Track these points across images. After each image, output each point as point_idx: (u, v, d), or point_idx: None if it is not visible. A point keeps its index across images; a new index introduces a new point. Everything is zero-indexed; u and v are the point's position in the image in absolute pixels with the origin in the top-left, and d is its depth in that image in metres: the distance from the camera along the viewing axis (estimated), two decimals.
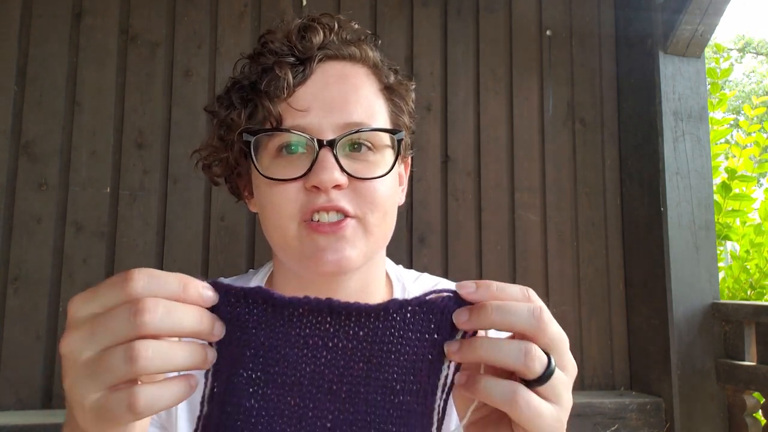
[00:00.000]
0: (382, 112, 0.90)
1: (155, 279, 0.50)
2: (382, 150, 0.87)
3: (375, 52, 0.92)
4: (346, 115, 0.83)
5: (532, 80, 2.38)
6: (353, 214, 0.82)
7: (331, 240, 0.80)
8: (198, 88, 2.09)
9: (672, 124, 2.21)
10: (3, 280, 1.87)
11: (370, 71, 0.91)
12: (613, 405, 2.07)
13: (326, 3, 2.23)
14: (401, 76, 0.97)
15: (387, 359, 0.52)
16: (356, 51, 0.89)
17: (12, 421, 1.71)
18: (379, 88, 0.91)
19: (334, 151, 0.80)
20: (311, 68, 0.85)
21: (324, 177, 0.78)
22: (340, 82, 0.86)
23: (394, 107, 0.93)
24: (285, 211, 0.82)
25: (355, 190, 0.83)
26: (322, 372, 0.52)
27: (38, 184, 1.94)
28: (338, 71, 0.87)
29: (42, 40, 1.99)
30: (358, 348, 0.52)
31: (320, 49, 0.87)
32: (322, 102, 0.83)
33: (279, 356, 0.52)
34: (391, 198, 0.87)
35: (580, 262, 2.33)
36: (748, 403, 2.03)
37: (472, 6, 2.37)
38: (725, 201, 2.95)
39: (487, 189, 2.28)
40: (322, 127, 0.82)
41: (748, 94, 19.32)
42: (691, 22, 2.13)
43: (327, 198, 0.80)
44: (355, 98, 0.85)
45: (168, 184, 2.03)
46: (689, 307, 2.12)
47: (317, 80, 0.85)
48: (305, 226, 0.82)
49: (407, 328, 0.52)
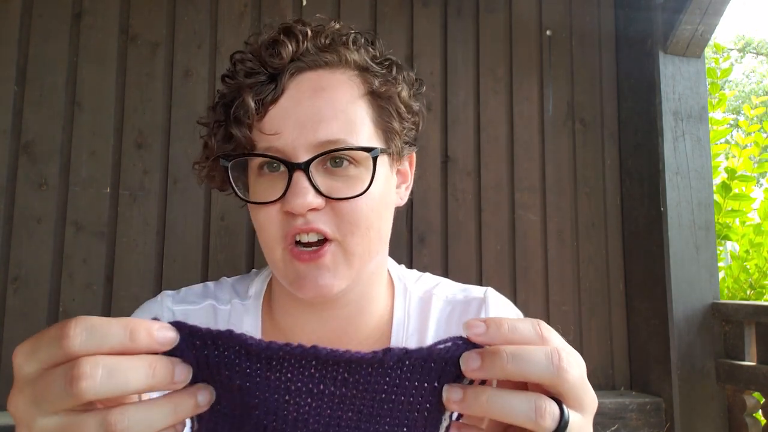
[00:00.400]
0: (364, 122, 0.84)
1: (95, 331, 0.44)
2: (365, 162, 0.82)
3: (359, 53, 0.86)
4: (321, 133, 0.79)
5: (532, 80, 2.39)
6: (332, 236, 0.80)
7: (311, 268, 0.80)
8: (198, 88, 2.09)
9: (672, 124, 2.21)
10: (3, 280, 1.87)
11: (352, 75, 0.85)
12: (613, 405, 2.07)
13: (326, 3, 2.23)
14: (394, 71, 0.90)
15: (380, 409, 0.46)
16: (334, 57, 0.84)
17: (12, 421, 1.71)
18: (361, 94, 0.85)
19: (308, 173, 0.78)
20: (282, 84, 0.81)
21: (296, 203, 0.77)
22: (314, 97, 0.81)
23: (381, 112, 0.87)
24: (269, 234, 0.82)
25: (334, 210, 0.80)
26: (306, 421, 0.46)
27: (38, 184, 1.94)
28: (313, 84, 0.82)
29: (42, 40, 1.99)
30: (347, 396, 0.46)
31: (292, 61, 0.82)
32: (295, 121, 0.80)
33: (258, 401, 0.46)
34: (375, 211, 0.83)
35: (580, 262, 2.33)
36: (748, 403, 2.03)
37: (472, 6, 2.37)
38: (725, 201, 2.95)
39: (487, 189, 2.28)
40: (296, 148, 0.79)
41: (748, 94, 19.32)
42: (691, 22, 2.13)
43: (304, 221, 0.78)
44: (330, 113, 0.80)
45: (168, 184, 2.03)
46: (689, 307, 2.12)
47: (289, 97, 0.81)
48: (288, 251, 0.81)
49: (405, 376, 0.46)
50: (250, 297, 1.00)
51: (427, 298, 1.00)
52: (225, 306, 0.99)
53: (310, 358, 0.45)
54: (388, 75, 0.89)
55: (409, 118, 0.93)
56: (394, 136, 0.89)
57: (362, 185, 0.81)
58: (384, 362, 0.45)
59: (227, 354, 0.45)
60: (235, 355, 0.45)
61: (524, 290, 2.26)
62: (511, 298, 2.24)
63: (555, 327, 2.05)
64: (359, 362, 0.45)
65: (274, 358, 0.45)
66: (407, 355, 0.45)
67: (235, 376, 0.45)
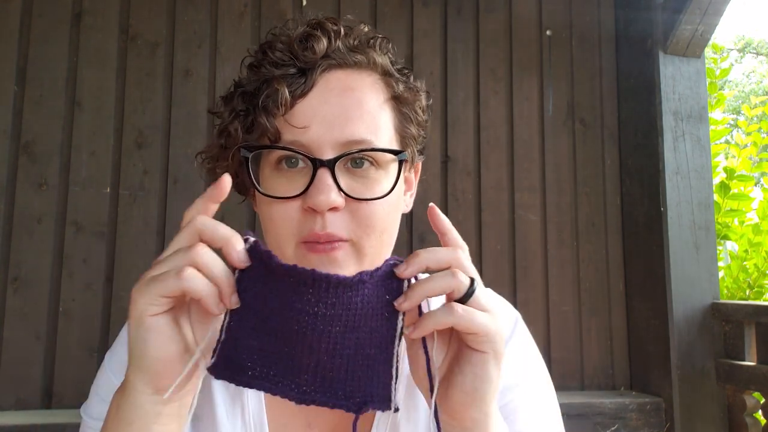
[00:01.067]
0: (387, 126, 0.85)
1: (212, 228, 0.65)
2: (385, 166, 0.83)
3: (384, 57, 0.87)
4: (347, 132, 0.79)
5: (532, 80, 2.39)
6: (347, 238, 0.80)
7: (323, 261, 0.79)
8: (198, 88, 2.09)
9: (672, 124, 2.21)
10: (3, 280, 1.87)
11: (378, 79, 0.86)
12: (613, 405, 2.07)
13: (326, 3, 2.23)
14: (412, 79, 0.92)
15: (357, 321, 0.63)
16: (363, 58, 0.84)
17: (12, 421, 1.71)
18: (386, 98, 0.86)
19: (333, 171, 0.78)
20: (313, 79, 0.81)
21: (320, 199, 0.76)
22: (342, 96, 0.81)
23: (402, 117, 0.88)
24: (283, 231, 0.81)
25: (353, 212, 0.80)
26: (304, 332, 0.62)
27: (38, 184, 1.94)
28: (342, 82, 0.83)
29: (42, 40, 1.99)
30: (335, 314, 0.62)
31: (323, 58, 0.82)
32: (323, 118, 0.80)
33: (275, 313, 0.63)
34: (390, 215, 0.85)
35: (580, 262, 2.33)
36: (748, 403, 2.03)
37: (472, 6, 2.37)
38: (724, 201, 2.95)
39: (487, 189, 2.28)
40: (322, 145, 0.79)
41: (747, 94, 19.34)
42: (691, 22, 2.13)
43: (322, 224, 0.78)
44: (357, 113, 0.81)
45: (168, 184, 2.03)
46: (689, 307, 2.12)
47: (318, 93, 0.81)
48: (302, 247, 0.81)
49: (370, 294, 0.64)
50: None
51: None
52: None
53: (308, 283, 0.62)
54: (408, 82, 0.90)
55: (425, 126, 0.95)
56: (411, 141, 0.90)
57: (380, 188, 0.81)
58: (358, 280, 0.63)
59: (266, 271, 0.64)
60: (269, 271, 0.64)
61: (524, 290, 2.26)
62: (511, 298, 2.24)
63: (555, 327, 2.05)
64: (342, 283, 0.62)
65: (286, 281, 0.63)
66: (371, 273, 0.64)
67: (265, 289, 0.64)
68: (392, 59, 0.90)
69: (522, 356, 0.89)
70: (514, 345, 0.89)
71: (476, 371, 0.65)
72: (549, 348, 2.24)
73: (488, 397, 0.67)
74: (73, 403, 1.85)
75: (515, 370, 0.86)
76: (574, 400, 2.05)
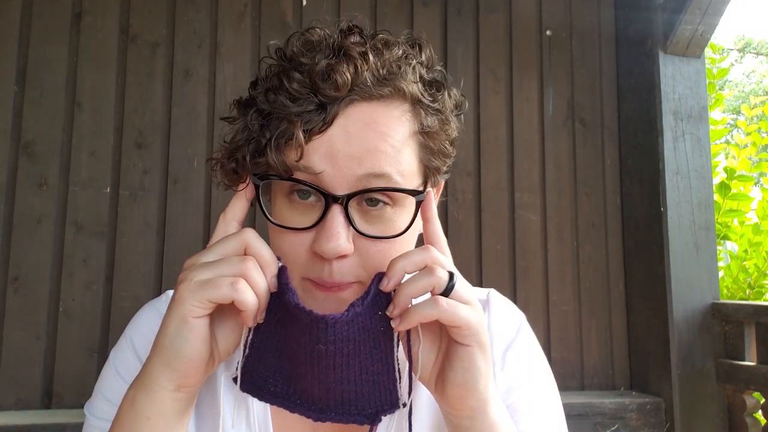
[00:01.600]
0: (411, 160, 0.77)
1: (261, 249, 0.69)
2: (401, 204, 0.76)
3: (415, 85, 0.77)
4: (366, 165, 0.72)
5: (532, 80, 2.39)
6: (356, 280, 0.75)
7: (330, 300, 0.75)
8: (198, 88, 2.09)
9: (672, 124, 2.21)
10: (3, 280, 1.87)
11: (406, 110, 0.77)
12: (613, 405, 2.08)
13: (326, 3, 2.23)
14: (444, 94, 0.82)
15: (357, 348, 0.67)
16: (391, 91, 0.75)
17: (12, 421, 1.71)
18: (412, 132, 0.77)
19: (345, 208, 0.72)
20: (333, 113, 0.72)
21: (328, 247, 0.70)
22: (365, 130, 0.73)
23: (427, 151, 0.80)
24: (290, 262, 0.75)
25: (362, 255, 0.74)
26: (313, 363, 0.67)
27: (38, 184, 1.94)
28: (365, 117, 0.74)
29: (42, 40, 1.99)
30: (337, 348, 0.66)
31: (349, 90, 0.73)
32: (341, 154, 0.72)
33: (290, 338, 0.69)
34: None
35: (580, 262, 2.33)
36: (748, 403, 2.03)
37: (472, 6, 2.37)
38: (724, 201, 2.95)
39: (487, 189, 2.28)
40: (336, 181, 0.72)
41: (747, 94, 19.34)
42: (691, 22, 2.13)
43: (329, 271, 0.73)
44: (380, 147, 0.73)
45: (168, 184, 2.03)
46: (689, 307, 2.12)
47: (338, 130, 0.73)
48: (308, 281, 0.76)
49: (365, 317, 0.67)
50: None
51: None
52: None
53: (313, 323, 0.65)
54: (439, 107, 0.81)
55: (451, 153, 0.86)
56: (434, 174, 0.83)
57: (395, 228, 0.76)
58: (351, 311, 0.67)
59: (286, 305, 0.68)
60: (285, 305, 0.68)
61: (524, 290, 2.26)
62: (511, 298, 2.23)
63: (555, 327, 2.05)
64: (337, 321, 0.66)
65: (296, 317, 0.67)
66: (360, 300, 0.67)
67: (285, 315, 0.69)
68: (424, 76, 0.80)
69: (526, 358, 0.89)
70: (519, 346, 0.89)
71: (465, 365, 0.68)
72: (549, 348, 2.25)
73: (480, 386, 0.69)
74: (73, 403, 1.85)
75: (519, 371, 0.86)
76: (574, 400, 2.06)
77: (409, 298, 0.67)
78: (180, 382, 0.67)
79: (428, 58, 0.82)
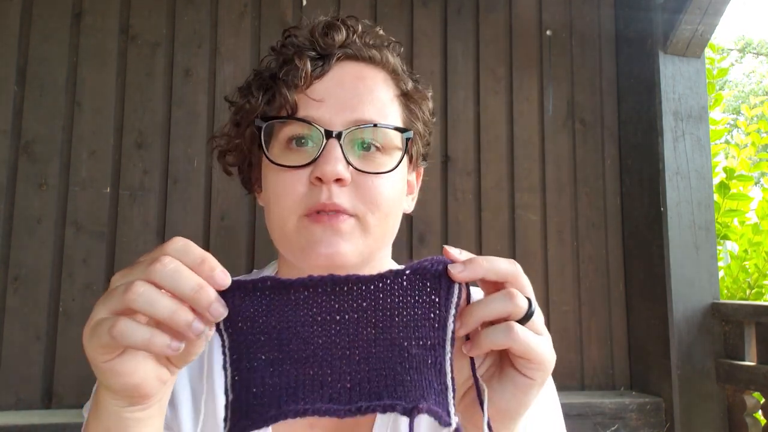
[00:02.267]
0: (395, 116, 0.89)
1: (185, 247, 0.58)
2: (391, 152, 0.87)
3: (396, 59, 0.93)
4: (358, 113, 0.84)
5: (532, 80, 2.39)
6: (353, 212, 0.81)
7: (327, 232, 0.80)
8: (198, 88, 2.09)
9: (672, 124, 2.21)
10: (3, 280, 1.87)
11: (388, 76, 0.91)
12: (613, 405, 2.07)
13: (326, 3, 2.23)
14: (421, 85, 0.97)
15: (391, 321, 0.58)
16: (376, 54, 0.90)
17: (12, 421, 1.71)
18: (395, 94, 0.91)
19: (341, 144, 0.81)
20: (330, 64, 0.86)
21: (327, 168, 0.78)
22: (355, 82, 0.86)
23: (409, 113, 0.93)
24: (288, 202, 0.82)
25: (358, 188, 0.82)
26: (333, 341, 0.57)
27: (38, 184, 1.94)
28: (356, 71, 0.88)
29: (42, 40, 1.99)
30: (363, 317, 0.57)
31: (341, 47, 0.88)
32: (336, 98, 0.84)
33: (292, 335, 0.58)
34: (395, 200, 0.86)
35: (580, 262, 2.33)
36: (748, 403, 2.03)
37: (472, 6, 2.37)
38: (723, 201, 2.95)
39: (487, 189, 2.28)
40: (333, 122, 0.82)
41: (747, 94, 19.33)
42: (691, 22, 2.13)
43: (328, 194, 0.79)
44: (369, 98, 0.86)
45: (168, 184, 2.02)
46: (689, 307, 2.12)
47: (334, 77, 0.86)
48: (305, 217, 0.82)
49: (405, 293, 0.59)
50: None
51: None
52: None
53: (328, 290, 0.57)
54: (417, 84, 0.96)
55: (430, 126, 0.99)
56: (417, 138, 0.94)
57: (386, 169, 0.85)
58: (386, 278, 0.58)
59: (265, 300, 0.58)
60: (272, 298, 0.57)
61: None
62: None
63: (555, 327, 2.06)
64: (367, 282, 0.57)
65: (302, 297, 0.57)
66: (402, 271, 0.59)
67: (272, 318, 0.57)
68: (401, 64, 0.95)
69: None
70: None
71: (517, 394, 0.63)
72: None
73: (519, 418, 0.65)
74: (73, 403, 1.85)
75: None
76: (574, 400, 2.05)
77: (479, 322, 0.61)
78: (128, 402, 0.62)
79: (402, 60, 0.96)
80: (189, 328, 0.55)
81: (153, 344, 0.55)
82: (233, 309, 0.58)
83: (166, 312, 0.55)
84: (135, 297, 0.55)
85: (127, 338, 0.55)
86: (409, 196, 1.01)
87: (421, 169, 1.04)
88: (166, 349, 0.56)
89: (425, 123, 0.96)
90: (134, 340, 0.55)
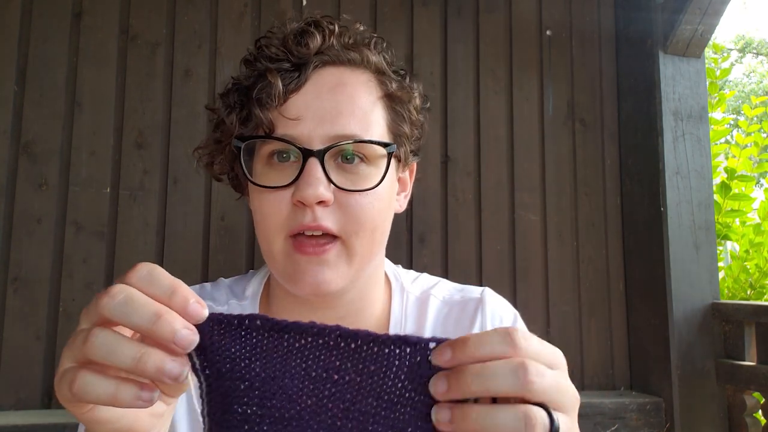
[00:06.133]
0: (379, 123, 0.86)
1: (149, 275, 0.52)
2: (376, 162, 0.84)
3: (379, 56, 0.89)
4: (338, 127, 0.80)
5: (532, 80, 2.39)
6: (338, 234, 0.80)
7: (312, 262, 0.79)
8: (198, 88, 2.09)
9: (672, 124, 2.21)
10: (3, 280, 1.87)
11: (371, 77, 0.87)
12: (613, 405, 2.07)
13: (326, 3, 2.23)
14: (408, 80, 0.93)
15: (400, 397, 0.46)
16: (356, 56, 0.86)
17: (12, 421, 1.71)
18: (378, 96, 0.87)
19: (321, 162, 0.78)
20: (306, 75, 0.82)
21: (308, 192, 0.76)
22: (334, 92, 0.82)
23: (395, 116, 0.89)
24: (272, 223, 0.81)
25: (342, 207, 0.80)
26: (325, 406, 0.47)
27: (38, 184, 1.94)
28: (335, 79, 0.84)
29: (42, 40, 1.99)
30: (368, 383, 0.47)
31: (317, 54, 0.83)
32: (314, 112, 0.81)
33: (277, 388, 0.47)
34: (381, 212, 0.84)
35: (580, 262, 2.33)
36: (748, 403, 2.03)
37: (472, 6, 2.37)
38: (724, 201, 2.95)
39: (487, 189, 2.28)
40: (312, 138, 0.80)
41: (748, 94, 19.32)
42: (691, 22, 2.13)
43: (312, 217, 0.78)
44: (349, 109, 0.82)
45: (168, 184, 2.03)
46: (689, 307, 2.12)
47: (311, 89, 0.82)
48: (291, 243, 0.80)
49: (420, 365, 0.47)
50: (248, 298, 1.00)
51: (424, 299, 1.00)
52: (222, 307, 0.98)
53: (331, 342, 0.46)
54: (403, 82, 0.91)
55: (419, 126, 0.96)
56: (404, 140, 0.91)
57: (370, 183, 0.82)
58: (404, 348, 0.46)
59: (252, 340, 0.47)
60: (259, 339, 0.47)
61: (524, 290, 2.26)
62: (511, 298, 2.24)
63: (555, 327, 2.06)
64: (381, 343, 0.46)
65: (297, 343, 0.47)
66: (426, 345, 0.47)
67: (256, 363, 0.47)
68: (388, 59, 0.91)
69: None
70: None
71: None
72: None
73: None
74: None
75: None
76: None
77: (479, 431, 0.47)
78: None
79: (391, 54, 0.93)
80: (162, 374, 0.47)
81: (119, 400, 0.47)
82: (211, 346, 0.48)
83: (128, 361, 0.47)
84: (93, 349, 0.48)
85: (89, 395, 0.48)
86: (402, 194, 0.99)
87: (414, 165, 1.02)
88: (136, 402, 0.47)
89: (413, 123, 0.93)
90: (96, 396, 0.48)
